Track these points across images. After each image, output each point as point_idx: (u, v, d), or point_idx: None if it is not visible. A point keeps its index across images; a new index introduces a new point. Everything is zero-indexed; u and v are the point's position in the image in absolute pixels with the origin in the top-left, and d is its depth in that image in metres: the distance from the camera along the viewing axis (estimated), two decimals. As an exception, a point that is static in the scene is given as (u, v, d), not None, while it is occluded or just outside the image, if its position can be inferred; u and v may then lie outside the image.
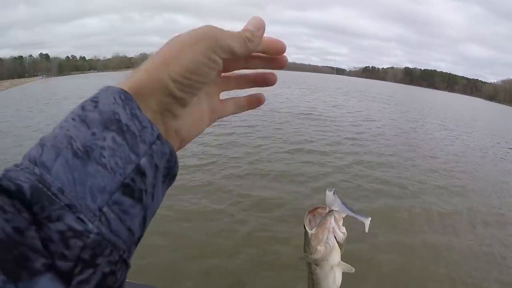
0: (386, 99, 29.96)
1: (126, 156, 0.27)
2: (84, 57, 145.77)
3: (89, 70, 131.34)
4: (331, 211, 0.52)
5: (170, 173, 0.31)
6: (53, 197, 0.23)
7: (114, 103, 0.28)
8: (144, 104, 0.30)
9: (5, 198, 0.22)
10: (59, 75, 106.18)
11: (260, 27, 0.36)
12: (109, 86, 0.30)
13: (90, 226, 0.24)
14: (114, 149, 0.26)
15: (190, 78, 0.31)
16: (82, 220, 0.23)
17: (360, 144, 9.53)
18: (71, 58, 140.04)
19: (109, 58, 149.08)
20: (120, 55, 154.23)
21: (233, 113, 0.43)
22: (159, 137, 0.29)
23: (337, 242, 0.53)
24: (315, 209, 0.55)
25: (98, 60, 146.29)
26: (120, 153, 0.26)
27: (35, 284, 0.21)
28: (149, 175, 0.28)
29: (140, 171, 0.27)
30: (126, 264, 0.27)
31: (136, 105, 0.29)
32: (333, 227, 0.52)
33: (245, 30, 0.35)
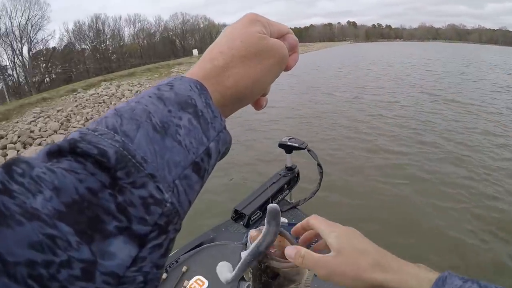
0: None
1: (199, 138, 0.29)
2: (389, 26, 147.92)
3: (395, 38, 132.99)
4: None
5: (222, 157, 0.34)
6: (138, 165, 0.24)
7: (190, 90, 0.30)
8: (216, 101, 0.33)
9: (75, 162, 0.23)
10: (365, 41, 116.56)
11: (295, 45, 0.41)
12: (183, 76, 0.32)
13: (166, 195, 0.25)
14: (190, 130, 0.28)
15: (260, 93, 0.38)
16: (160, 190, 0.25)
17: None
18: (377, 26, 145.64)
19: (415, 28, 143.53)
20: (427, 25, 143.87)
21: None
22: (225, 127, 0.32)
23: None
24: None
25: (404, 29, 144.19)
26: (195, 134, 0.29)
27: (108, 245, 0.22)
28: (213, 158, 0.30)
29: (208, 153, 0.30)
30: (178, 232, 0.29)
31: (210, 96, 0.31)
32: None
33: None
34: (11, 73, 32.92)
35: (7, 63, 32.32)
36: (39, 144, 10.95)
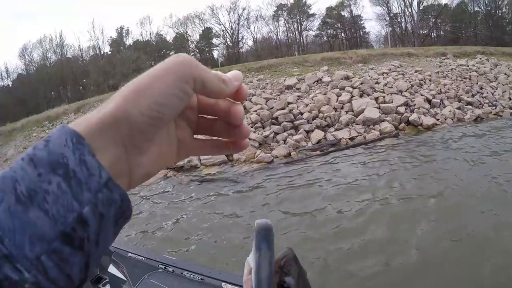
0: None
1: (68, 204, 0.26)
2: None
3: None
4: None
5: (123, 216, 0.29)
6: None
7: (65, 145, 0.27)
8: (107, 139, 0.29)
9: None
10: None
11: (239, 78, 0.37)
12: (64, 126, 0.28)
13: (26, 275, 0.24)
14: (58, 196, 0.26)
15: (159, 110, 0.31)
16: (18, 270, 0.23)
17: None
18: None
19: None
20: None
21: (206, 154, 0.42)
22: (107, 184, 0.27)
23: None
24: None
25: None
26: (63, 201, 0.26)
27: None
28: (92, 224, 0.27)
29: (82, 221, 0.26)
30: None
31: (88, 149, 0.27)
32: None
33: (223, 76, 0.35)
34: (400, 20, 36.50)
35: (398, 11, 36.03)
36: (373, 94, 9.90)
